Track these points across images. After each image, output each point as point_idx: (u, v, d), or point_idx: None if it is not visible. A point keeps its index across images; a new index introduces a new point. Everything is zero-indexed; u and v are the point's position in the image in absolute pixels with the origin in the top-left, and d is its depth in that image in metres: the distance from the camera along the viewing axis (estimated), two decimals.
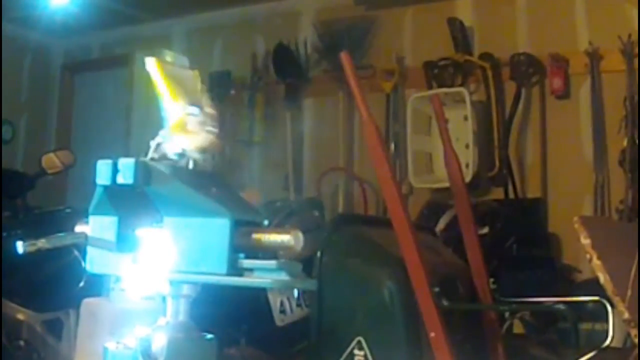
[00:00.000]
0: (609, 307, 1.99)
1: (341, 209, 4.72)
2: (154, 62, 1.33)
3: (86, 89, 6.27)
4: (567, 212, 3.59)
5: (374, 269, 2.14)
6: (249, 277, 1.27)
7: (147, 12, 5.41)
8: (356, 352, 2.08)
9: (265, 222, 1.39)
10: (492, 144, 4.26)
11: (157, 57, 1.34)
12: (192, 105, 1.34)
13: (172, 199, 1.31)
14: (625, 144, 3.84)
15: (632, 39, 3.86)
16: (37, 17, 5.16)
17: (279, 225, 2.32)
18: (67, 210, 3.32)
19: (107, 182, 1.31)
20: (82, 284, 2.85)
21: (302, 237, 1.25)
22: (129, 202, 1.36)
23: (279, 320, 2.47)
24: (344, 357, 2.09)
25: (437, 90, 4.34)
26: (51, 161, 3.39)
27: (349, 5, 4.83)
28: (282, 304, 2.48)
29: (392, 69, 4.68)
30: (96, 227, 1.40)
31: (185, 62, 1.43)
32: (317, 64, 4.97)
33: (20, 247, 1.32)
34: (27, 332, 2.99)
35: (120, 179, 1.29)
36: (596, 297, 2.10)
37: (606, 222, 3.27)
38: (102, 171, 1.32)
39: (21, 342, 2.98)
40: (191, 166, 1.36)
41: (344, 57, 2.03)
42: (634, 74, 3.84)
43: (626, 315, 1.86)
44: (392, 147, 4.55)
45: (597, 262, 1.88)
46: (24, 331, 2.99)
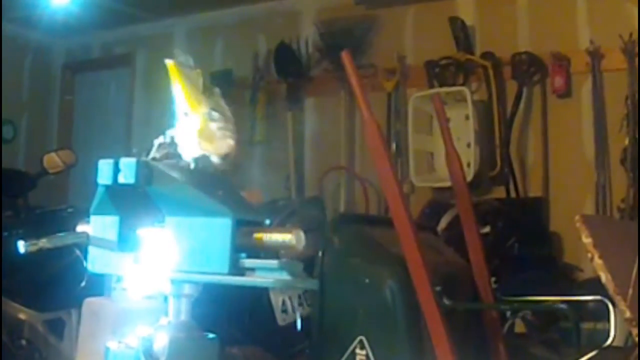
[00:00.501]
0: (611, 306, 1.99)
1: (343, 209, 4.71)
2: (171, 66, 1.33)
3: (87, 89, 6.27)
4: (568, 211, 3.58)
5: (376, 268, 2.13)
6: (250, 277, 1.28)
7: (148, 12, 5.40)
8: (358, 351, 2.08)
9: (266, 222, 1.39)
10: (493, 143, 4.25)
11: (173, 59, 1.34)
12: (213, 110, 1.35)
13: (174, 198, 1.31)
14: (626, 142, 3.83)
15: (633, 38, 3.85)
16: (38, 16, 5.15)
17: (281, 224, 2.32)
18: (69, 209, 3.32)
19: (109, 181, 1.31)
20: (83, 284, 2.84)
21: (304, 236, 1.25)
22: (131, 202, 1.36)
23: (281, 319, 2.46)
24: (345, 356, 2.09)
25: (438, 89, 4.33)
26: (52, 161, 3.39)
27: (350, 4, 4.82)
28: (284, 303, 2.48)
29: (393, 68, 4.67)
30: (98, 226, 1.40)
31: (190, 62, 1.43)
32: (319, 63, 4.96)
33: (21, 246, 1.32)
34: (29, 331, 2.99)
35: (121, 179, 1.30)
36: (598, 296, 2.10)
37: (608, 221, 3.27)
38: (104, 171, 1.32)
39: (23, 342, 2.98)
40: (192, 166, 1.36)
41: (345, 56, 2.03)
42: (635, 73, 3.83)
43: (628, 314, 1.86)
44: (393, 146, 4.55)
45: (598, 261, 1.87)
46: (25, 331, 3.00)
